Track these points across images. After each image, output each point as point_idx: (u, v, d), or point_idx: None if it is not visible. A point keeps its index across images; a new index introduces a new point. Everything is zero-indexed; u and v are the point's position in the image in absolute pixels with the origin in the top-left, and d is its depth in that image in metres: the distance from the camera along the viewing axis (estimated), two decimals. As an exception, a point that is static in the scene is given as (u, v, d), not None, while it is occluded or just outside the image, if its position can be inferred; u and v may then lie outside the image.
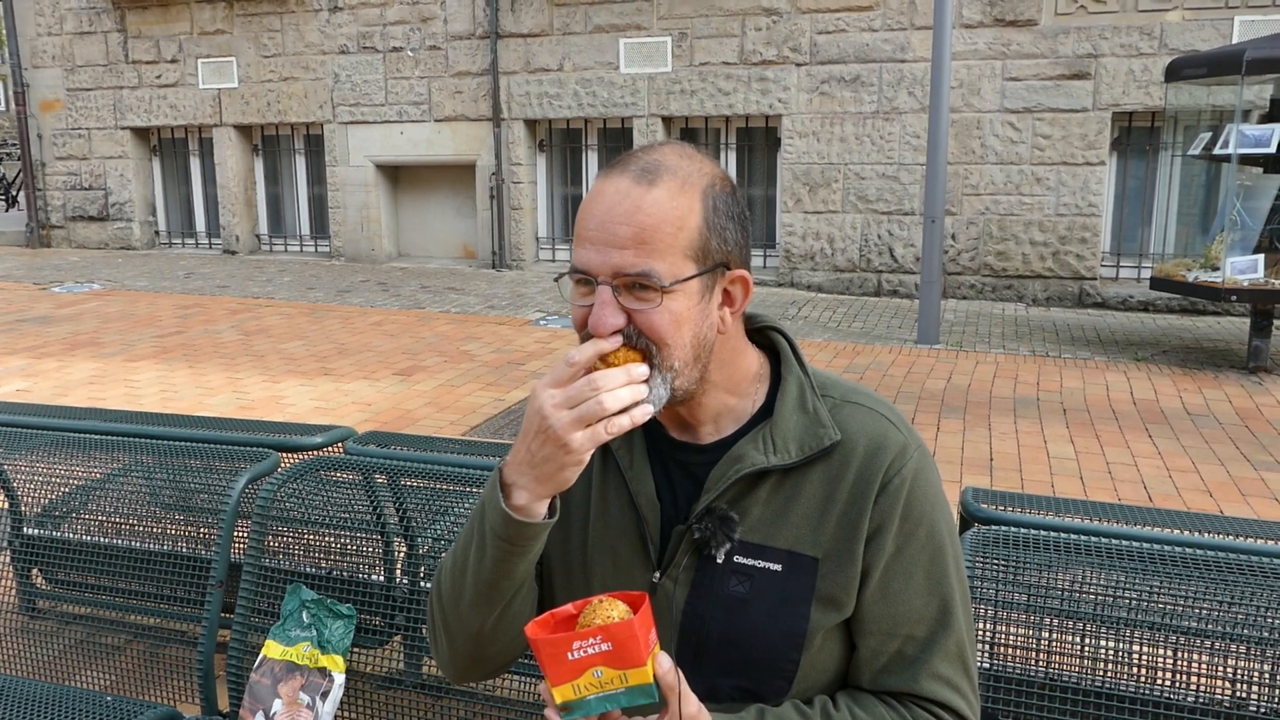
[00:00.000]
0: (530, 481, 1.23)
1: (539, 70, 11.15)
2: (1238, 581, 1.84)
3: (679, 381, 1.29)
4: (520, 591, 1.34)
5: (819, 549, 1.31)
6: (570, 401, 1.18)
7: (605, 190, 1.27)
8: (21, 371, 7.25)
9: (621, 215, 1.25)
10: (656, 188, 1.25)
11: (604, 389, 1.18)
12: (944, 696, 1.30)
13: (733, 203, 1.31)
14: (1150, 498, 4.78)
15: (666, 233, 1.25)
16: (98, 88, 13.30)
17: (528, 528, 1.25)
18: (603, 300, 1.25)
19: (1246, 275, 7.11)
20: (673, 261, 1.25)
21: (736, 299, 1.33)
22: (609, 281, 1.25)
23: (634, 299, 1.25)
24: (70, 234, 13.85)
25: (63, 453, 2.82)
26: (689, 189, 1.27)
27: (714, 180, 1.30)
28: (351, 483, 2.58)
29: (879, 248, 10.13)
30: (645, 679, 1.11)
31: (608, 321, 1.24)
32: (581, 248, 1.28)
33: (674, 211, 1.25)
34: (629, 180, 1.26)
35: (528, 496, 1.24)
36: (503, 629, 1.35)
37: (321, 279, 11.27)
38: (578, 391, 1.18)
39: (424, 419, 6.06)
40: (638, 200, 1.25)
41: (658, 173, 1.27)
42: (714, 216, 1.28)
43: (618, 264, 1.24)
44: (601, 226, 1.26)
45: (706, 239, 1.27)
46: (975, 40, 9.56)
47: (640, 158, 1.29)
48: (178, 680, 2.72)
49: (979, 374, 7.08)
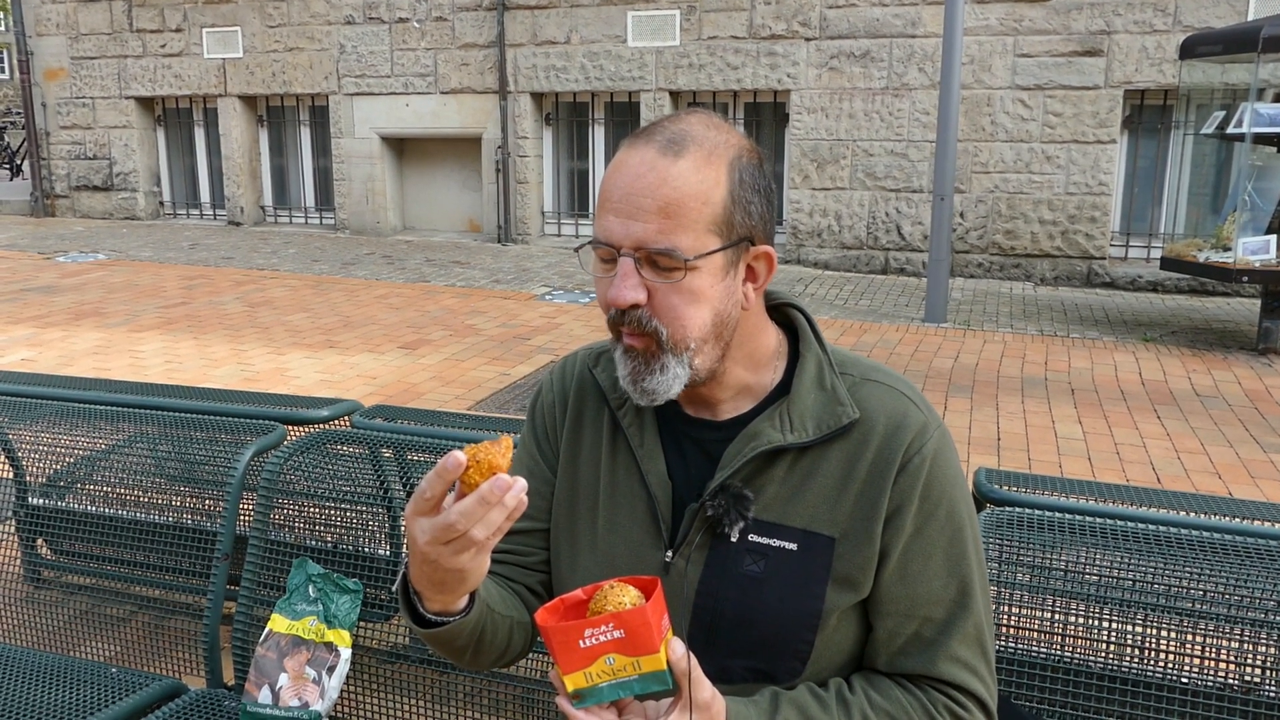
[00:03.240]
0: (433, 591, 1.20)
1: (546, 43, 11.07)
2: (1263, 566, 1.82)
3: (699, 360, 1.26)
4: (483, 639, 1.32)
5: (836, 528, 1.28)
6: (442, 537, 1.10)
7: (630, 160, 1.24)
8: (26, 341, 7.24)
9: (646, 187, 1.21)
10: (683, 159, 1.22)
11: (471, 525, 1.10)
12: (961, 679, 1.28)
13: (759, 175, 1.27)
14: (1159, 479, 4.76)
15: (691, 207, 1.21)
16: (102, 56, 13.22)
17: (446, 630, 1.24)
18: (624, 272, 1.22)
19: (1258, 256, 7.06)
20: (696, 236, 1.22)
21: (760, 274, 1.30)
22: (631, 254, 1.22)
23: (656, 273, 1.23)
24: (75, 204, 13.81)
25: (68, 423, 2.80)
26: (715, 161, 1.24)
27: (741, 152, 1.27)
28: (358, 456, 2.56)
29: (887, 225, 10.07)
30: (659, 665, 1.09)
31: (627, 296, 1.22)
32: (605, 218, 1.24)
33: (700, 185, 1.22)
34: (655, 151, 1.23)
35: (440, 603, 1.22)
36: (486, 656, 1.35)
37: (326, 251, 11.23)
38: (446, 530, 1.10)
39: (429, 393, 6.05)
40: (663, 172, 1.21)
41: (684, 144, 1.23)
42: (740, 190, 1.25)
43: (640, 237, 1.21)
44: (626, 198, 1.22)
45: (731, 213, 1.24)
46: (987, 16, 9.47)
47: (667, 127, 1.26)
48: (182, 652, 2.71)
49: (986, 353, 7.05)
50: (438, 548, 1.11)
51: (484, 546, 1.12)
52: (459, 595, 1.21)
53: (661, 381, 1.26)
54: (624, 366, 1.29)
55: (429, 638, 1.26)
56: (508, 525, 1.11)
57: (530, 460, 1.47)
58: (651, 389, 1.27)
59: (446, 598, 1.21)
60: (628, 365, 1.28)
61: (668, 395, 1.28)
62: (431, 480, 1.09)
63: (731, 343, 1.30)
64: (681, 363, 1.25)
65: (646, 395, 1.28)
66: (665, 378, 1.26)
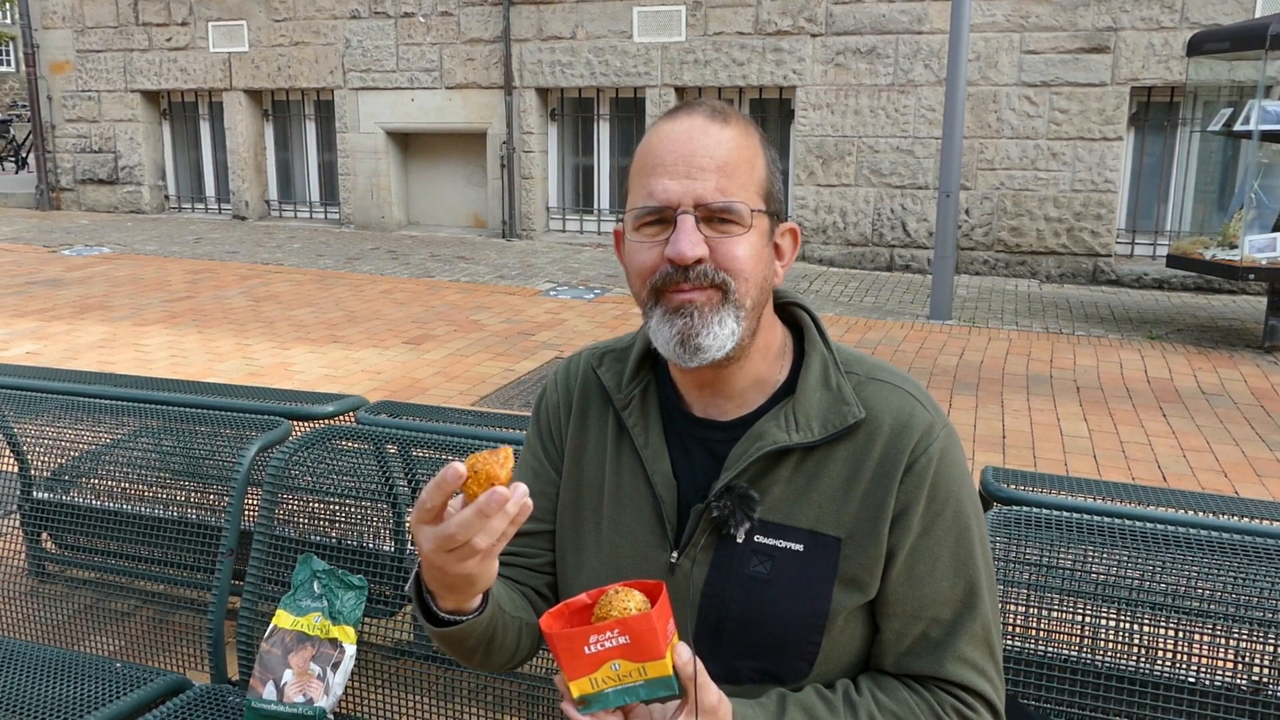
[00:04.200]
0: (445, 591, 1.21)
1: (552, 38, 11.05)
2: (1269, 565, 1.81)
3: (746, 325, 1.27)
4: (494, 640, 1.32)
5: (842, 529, 1.28)
6: (445, 546, 1.11)
7: (678, 128, 1.28)
8: (31, 334, 7.25)
9: (704, 148, 1.25)
10: (730, 126, 1.28)
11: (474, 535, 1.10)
12: (969, 680, 1.27)
13: (777, 160, 1.34)
14: (1164, 478, 4.75)
15: (744, 169, 1.27)
16: (108, 50, 13.22)
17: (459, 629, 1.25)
18: (685, 228, 1.23)
19: (1265, 254, 7.05)
20: (750, 197, 1.27)
21: (786, 252, 1.36)
22: (691, 211, 1.24)
23: (715, 230, 1.25)
24: (80, 197, 13.82)
25: (72, 417, 2.80)
26: (752, 134, 1.31)
27: (762, 136, 1.34)
28: (363, 452, 2.56)
29: (892, 222, 10.06)
30: (664, 671, 1.08)
31: (690, 251, 1.23)
32: (658, 180, 1.25)
33: (748, 150, 1.28)
34: (703, 118, 1.28)
35: (453, 602, 1.23)
36: (495, 658, 1.35)
37: (331, 246, 11.23)
38: (447, 540, 1.11)
39: (433, 388, 6.05)
40: (717, 135, 1.26)
41: (728, 115, 1.29)
42: (772, 165, 1.31)
43: (701, 193, 1.24)
44: (682, 159, 1.25)
45: (771, 183, 1.30)
46: (993, 12, 9.44)
47: (705, 102, 1.32)
48: (187, 648, 2.71)
49: (992, 350, 7.03)
50: (442, 555, 1.12)
51: (489, 553, 1.12)
52: (471, 596, 1.22)
53: (718, 336, 1.25)
54: (671, 328, 1.25)
55: (442, 637, 1.26)
56: (512, 530, 1.11)
57: (535, 462, 1.47)
58: (706, 344, 1.25)
59: (459, 598, 1.21)
60: (677, 324, 1.25)
61: (720, 352, 1.25)
62: (431, 491, 1.10)
63: (761, 321, 1.32)
64: (738, 319, 1.25)
65: (698, 353, 1.25)
66: (722, 332, 1.25)
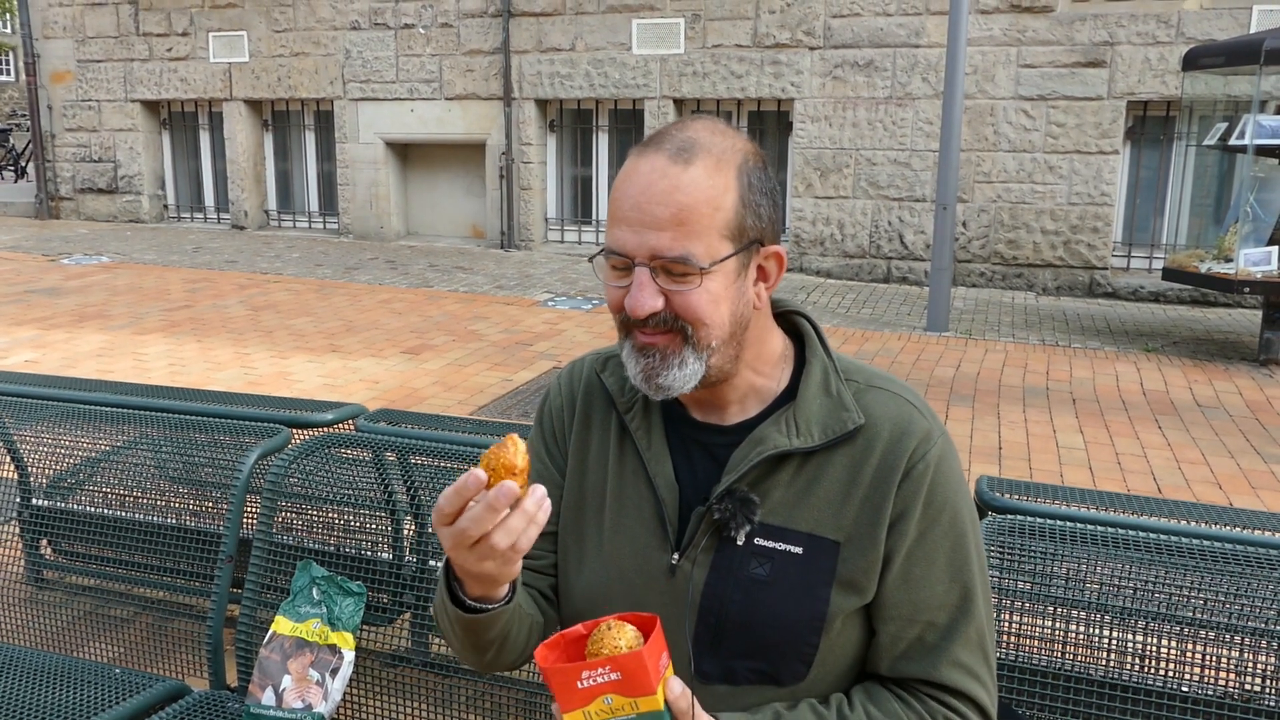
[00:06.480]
0: (471, 581, 1.24)
1: (551, 50, 11.10)
2: (1263, 576, 1.83)
3: (714, 360, 1.28)
4: (509, 635, 1.34)
5: (840, 533, 1.30)
6: (462, 542, 1.14)
7: (640, 169, 1.25)
8: (30, 342, 7.26)
9: (658, 195, 1.23)
10: (693, 166, 1.24)
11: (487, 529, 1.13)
12: (963, 685, 1.29)
13: (765, 178, 1.30)
14: (1160, 489, 4.76)
15: (704, 213, 1.23)
16: (108, 59, 13.26)
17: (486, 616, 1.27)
18: (640, 283, 1.24)
19: (1260, 267, 7.08)
20: (710, 242, 1.24)
21: (771, 274, 1.33)
22: (646, 263, 1.24)
23: (672, 280, 1.24)
24: (79, 206, 13.84)
25: (71, 424, 2.81)
26: (724, 167, 1.26)
27: (747, 156, 1.29)
28: (362, 460, 2.57)
29: (889, 234, 10.09)
30: (656, 706, 1.10)
31: (646, 304, 1.24)
32: (617, 228, 1.26)
33: (710, 191, 1.24)
34: (665, 159, 1.24)
35: (480, 589, 1.25)
36: (506, 655, 1.37)
37: (330, 256, 11.25)
38: (460, 536, 1.13)
39: (431, 398, 6.06)
40: (675, 180, 1.23)
41: (693, 151, 1.25)
42: (749, 194, 1.27)
43: (655, 246, 1.23)
44: (638, 207, 1.23)
45: (742, 217, 1.26)
46: (990, 26, 9.49)
47: (674, 135, 1.27)
48: (186, 654, 2.72)
49: (988, 362, 7.05)
50: (461, 553, 1.15)
51: (509, 555, 1.15)
52: (495, 587, 1.25)
53: (678, 376, 1.28)
54: (636, 364, 1.30)
55: (466, 624, 1.28)
56: (535, 531, 1.14)
57: (539, 464, 1.49)
58: (667, 384, 1.28)
59: (485, 586, 1.24)
60: (641, 362, 1.29)
61: (682, 389, 1.29)
62: (450, 497, 1.13)
63: (744, 343, 1.32)
64: (700, 359, 1.27)
65: (660, 390, 1.29)
66: (683, 373, 1.27)
